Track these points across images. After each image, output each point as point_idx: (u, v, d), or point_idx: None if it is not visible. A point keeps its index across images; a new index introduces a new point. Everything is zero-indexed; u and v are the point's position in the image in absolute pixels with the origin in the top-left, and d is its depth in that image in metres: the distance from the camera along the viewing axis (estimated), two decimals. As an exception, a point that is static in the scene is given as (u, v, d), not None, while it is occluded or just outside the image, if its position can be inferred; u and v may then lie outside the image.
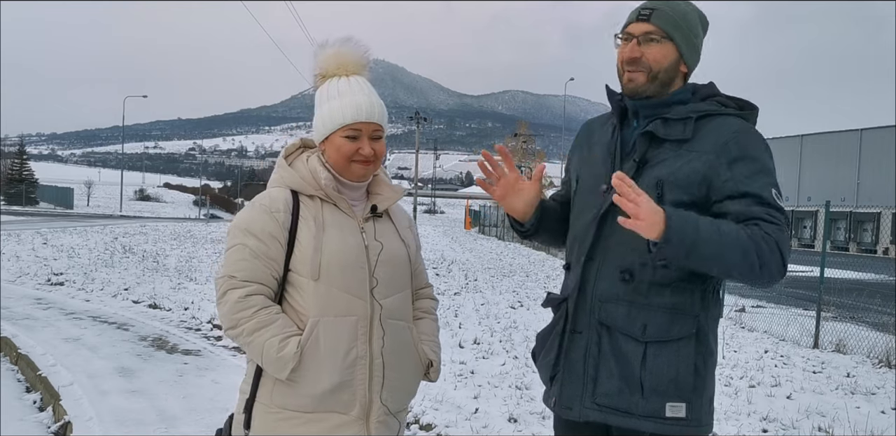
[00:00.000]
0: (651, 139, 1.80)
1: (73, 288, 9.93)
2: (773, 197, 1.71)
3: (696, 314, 1.75)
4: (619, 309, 1.77)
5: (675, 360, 1.72)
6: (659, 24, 1.79)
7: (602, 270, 1.81)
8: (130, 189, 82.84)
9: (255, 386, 1.84)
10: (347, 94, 1.89)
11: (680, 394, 1.72)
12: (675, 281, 1.74)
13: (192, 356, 5.97)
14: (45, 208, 53.94)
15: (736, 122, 1.79)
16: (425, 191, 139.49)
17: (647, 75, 1.80)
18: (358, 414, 1.82)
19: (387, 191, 2.01)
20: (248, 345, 1.78)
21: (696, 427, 1.74)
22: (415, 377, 1.97)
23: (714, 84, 1.90)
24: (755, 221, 1.67)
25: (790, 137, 52.88)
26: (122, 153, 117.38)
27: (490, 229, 40.55)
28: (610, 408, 1.76)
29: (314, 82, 1.97)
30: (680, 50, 1.81)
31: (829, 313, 9.36)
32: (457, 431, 4.18)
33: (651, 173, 1.77)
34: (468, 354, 6.40)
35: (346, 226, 1.88)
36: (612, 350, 1.76)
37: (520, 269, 16.85)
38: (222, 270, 1.84)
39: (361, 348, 1.83)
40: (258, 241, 1.81)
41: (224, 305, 1.80)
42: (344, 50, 1.94)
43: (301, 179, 1.89)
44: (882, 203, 36.54)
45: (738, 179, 1.71)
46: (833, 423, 4.79)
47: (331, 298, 1.81)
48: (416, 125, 57.70)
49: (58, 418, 4.43)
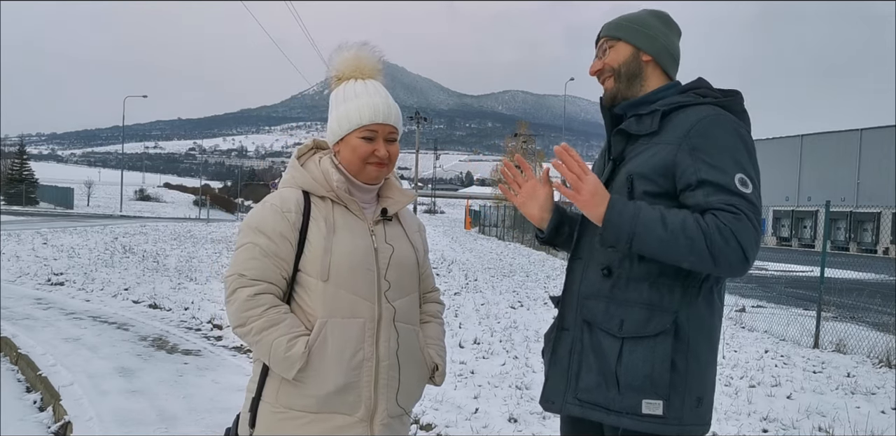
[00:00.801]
0: (627, 137, 1.85)
1: (73, 288, 9.93)
2: (734, 184, 1.66)
3: (676, 310, 1.73)
4: (598, 305, 1.79)
5: (650, 356, 1.71)
6: (606, 33, 1.93)
7: (587, 268, 1.85)
8: (130, 189, 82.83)
9: (261, 385, 1.85)
10: (364, 96, 1.91)
11: (656, 391, 1.70)
12: (652, 276, 1.74)
13: (192, 356, 5.97)
14: (45, 208, 53.92)
15: (706, 109, 1.77)
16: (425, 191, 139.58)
17: (614, 76, 1.90)
18: (362, 416, 1.82)
19: (397, 195, 2.02)
20: (257, 344, 1.79)
21: (678, 426, 1.71)
22: (420, 381, 1.98)
23: (703, 79, 1.91)
24: (713, 211, 1.64)
25: (790, 137, 52.87)
26: (122, 153, 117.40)
27: (490, 229, 40.54)
28: (590, 403, 1.77)
29: (330, 84, 1.99)
30: (631, 42, 1.88)
31: (829, 313, 9.37)
32: (457, 431, 4.18)
33: (623, 169, 1.81)
34: (468, 354, 6.40)
35: (356, 228, 1.89)
36: (592, 346, 1.78)
37: (520, 269, 16.84)
38: (232, 268, 1.85)
39: (368, 350, 1.83)
40: (269, 240, 1.82)
41: (233, 304, 1.80)
42: (361, 53, 1.97)
43: (313, 179, 1.90)
44: (882, 203, 36.56)
45: (698, 166, 1.69)
46: (833, 423, 4.79)
47: (339, 300, 1.82)
48: (416, 125, 57.78)
49: (58, 418, 4.43)
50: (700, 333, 1.76)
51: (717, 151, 1.69)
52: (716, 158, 1.68)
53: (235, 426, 1.94)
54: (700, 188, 1.68)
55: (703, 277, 1.76)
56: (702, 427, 1.77)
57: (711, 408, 1.81)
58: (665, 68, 1.90)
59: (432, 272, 2.16)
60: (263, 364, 1.84)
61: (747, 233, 1.62)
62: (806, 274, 19.31)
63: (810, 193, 47.59)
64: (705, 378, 1.78)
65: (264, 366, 1.84)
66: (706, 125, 1.72)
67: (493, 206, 43.64)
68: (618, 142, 1.86)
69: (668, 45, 1.90)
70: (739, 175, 1.67)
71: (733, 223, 1.62)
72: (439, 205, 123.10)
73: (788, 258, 27.53)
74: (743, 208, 1.64)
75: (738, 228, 1.61)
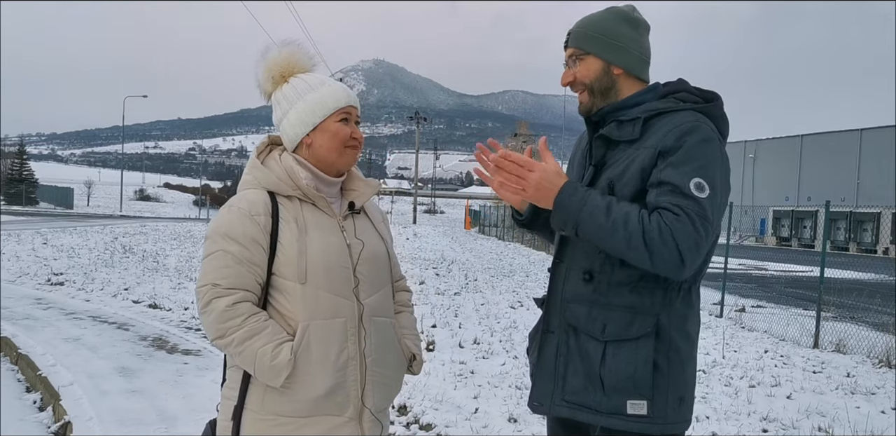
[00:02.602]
0: (608, 142, 1.86)
1: (73, 288, 9.93)
2: (689, 187, 1.65)
3: (657, 313, 1.76)
4: (581, 309, 1.82)
5: (633, 358, 1.74)
6: (575, 45, 1.90)
7: (569, 271, 1.87)
8: (130, 189, 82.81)
9: (244, 393, 1.79)
10: (329, 82, 1.92)
11: (640, 391, 1.74)
12: (634, 281, 1.76)
13: (192, 356, 5.97)
14: (45, 208, 53.93)
15: (686, 116, 1.78)
16: (425, 191, 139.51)
17: (587, 92, 1.90)
18: (351, 415, 1.82)
19: (362, 186, 2.00)
20: (239, 354, 1.73)
21: (662, 425, 1.76)
22: (400, 373, 1.98)
23: (683, 80, 1.91)
24: (660, 209, 1.65)
25: (790, 137, 52.88)
26: (122, 153, 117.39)
27: (490, 229, 40.54)
28: (577, 405, 1.80)
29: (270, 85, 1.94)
30: (601, 57, 1.87)
31: (829, 313, 9.37)
32: (457, 431, 4.18)
33: (604, 175, 1.83)
34: (468, 354, 6.39)
35: (326, 226, 1.86)
36: (578, 349, 1.81)
37: (520, 269, 16.84)
38: (203, 278, 1.78)
39: (352, 348, 1.82)
40: (240, 246, 1.76)
41: (209, 315, 1.74)
42: (294, 50, 1.96)
43: (277, 178, 1.84)
44: (882, 203, 36.53)
45: (661, 168, 1.71)
46: (833, 423, 4.79)
47: (319, 301, 1.79)
48: (416, 125, 57.76)
49: (58, 418, 4.43)
50: (680, 333, 1.79)
51: (682, 154, 1.70)
52: (678, 161, 1.70)
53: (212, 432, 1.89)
54: (657, 187, 1.70)
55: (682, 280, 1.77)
56: (684, 424, 1.81)
57: (693, 405, 1.86)
58: (638, 75, 1.90)
59: (398, 261, 2.13)
60: (244, 370, 1.78)
61: (686, 235, 1.61)
62: (806, 274, 19.31)
63: (810, 193, 47.58)
64: (686, 377, 1.81)
65: (245, 372, 1.79)
66: (682, 131, 1.73)
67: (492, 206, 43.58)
68: (598, 147, 1.88)
69: (639, 53, 1.89)
70: (696, 179, 1.67)
71: (674, 224, 1.62)
72: (439, 205, 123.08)
73: (788, 258, 27.56)
74: (689, 211, 1.63)
75: (678, 229, 1.61)
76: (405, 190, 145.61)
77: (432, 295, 10.51)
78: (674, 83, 1.91)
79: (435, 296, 10.44)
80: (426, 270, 14.58)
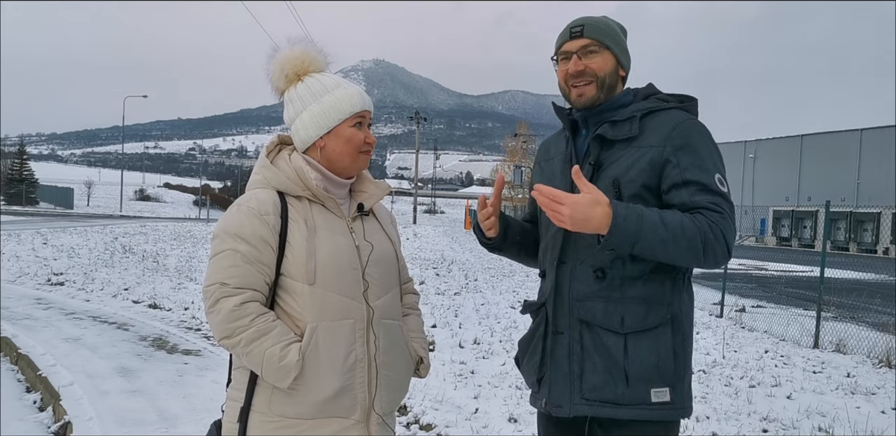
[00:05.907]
0: (602, 142, 1.89)
1: (73, 288, 9.94)
2: (716, 184, 1.79)
3: (669, 302, 1.84)
4: (596, 306, 1.85)
5: (655, 346, 1.81)
6: (593, 36, 1.91)
7: (575, 271, 1.89)
8: (130, 189, 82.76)
9: (250, 394, 1.78)
10: (344, 84, 1.89)
11: (663, 379, 1.80)
12: (645, 274, 1.83)
13: (192, 356, 5.97)
14: (45, 208, 53.92)
15: (679, 114, 1.88)
16: (425, 191, 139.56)
17: (597, 84, 1.91)
18: (359, 417, 1.80)
19: (371, 188, 1.98)
20: (247, 355, 1.72)
21: (680, 410, 1.83)
22: (408, 376, 1.97)
23: (653, 85, 2.01)
24: (699, 209, 1.75)
25: (790, 137, 52.86)
26: (122, 153, 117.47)
27: (490, 229, 40.44)
28: (598, 401, 1.82)
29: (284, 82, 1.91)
30: (617, 57, 1.94)
31: (829, 313, 9.37)
32: (457, 431, 4.18)
33: (606, 174, 1.86)
34: (468, 354, 6.39)
35: (335, 227, 1.85)
36: (595, 345, 1.84)
37: (520, 269, 16.84)
38: (211, 277, 1.76)
39: (360, 350, 1.81)
40: (250, 246, 1.75)
41: (217, 315, 1.72)
42: (306, 48, 1.92)
43: (287, 179, 1.83)
44: (882, 203, 36.56)
45: (683, 167, 1.79)
46: (833, 423, 4.79)
47: (327, 302, 1.77)
48: (416, 125, 57.75)
49: (58, 418, 4.43)
50: (688, 319, 1.89)
51: (698, 153, 1.81)
52: (698, 160, 1.80)
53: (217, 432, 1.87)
54: (685, 188, 1.78)
55: (685, 269, 1.88)
56: (691, 409, 1.89)
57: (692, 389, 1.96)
58: (624, 82, 2.00)
59: (405, 263, 2.12)
60: (251, 372, 1.77)
61: (730, 230, 1.76)
62: (806, 274, 19.31)
63: (810, 193, 47.59)
64: (691, 362, 1.92)
65: (252, 373, 1.77)
66: (686, 129, 1.83)
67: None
68: (594, 147, 1.90)
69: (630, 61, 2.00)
70: (718, 175, 1.81)
71: (720, 221, 1.74)
72: (439, 205, 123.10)
73: (788, 258, 27.56)
74: (724, 207, 1.77)
75: (725, 226, 1.74)
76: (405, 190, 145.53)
77: (432, 295, 10.51)
78: (646, 88, 2.01)
79: (435, 296, 10.44)
80: (426, 270, 14.58)
